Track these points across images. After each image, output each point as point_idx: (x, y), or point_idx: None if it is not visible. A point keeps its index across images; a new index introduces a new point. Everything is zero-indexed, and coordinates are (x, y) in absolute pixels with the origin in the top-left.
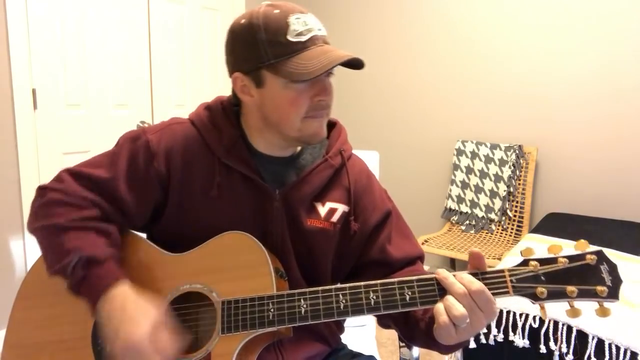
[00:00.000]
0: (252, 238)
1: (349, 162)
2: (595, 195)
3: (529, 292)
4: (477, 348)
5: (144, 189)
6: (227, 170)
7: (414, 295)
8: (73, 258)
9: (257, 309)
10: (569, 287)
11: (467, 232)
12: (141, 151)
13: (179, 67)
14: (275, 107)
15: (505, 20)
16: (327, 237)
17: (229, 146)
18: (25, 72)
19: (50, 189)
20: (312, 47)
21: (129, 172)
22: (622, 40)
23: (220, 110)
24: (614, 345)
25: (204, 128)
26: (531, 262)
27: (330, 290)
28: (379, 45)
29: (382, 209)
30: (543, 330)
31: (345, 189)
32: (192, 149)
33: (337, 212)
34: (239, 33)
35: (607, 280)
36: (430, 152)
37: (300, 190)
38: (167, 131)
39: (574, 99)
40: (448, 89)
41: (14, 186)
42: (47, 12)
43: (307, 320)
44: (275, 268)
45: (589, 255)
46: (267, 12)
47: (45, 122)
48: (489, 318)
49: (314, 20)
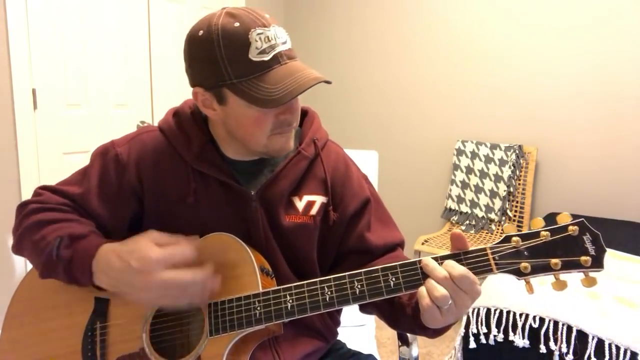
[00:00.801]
0: (235, 238)
1: (324, 150)
2: (595, 195)
3: (513, 269)
4: (477, 348)
5: (117, 203)
6: (201, 176)
7: (398, 280)
8: (55, 243)
9: (243, 308)
10: (552, 259)
11: (467, 232)
12: (111, 165)
13: (179, 67)
14: (238, 125)
15: (506, 20)
16: (308, 231)
17: (199, 152)
18: (25, 72)
19: (30, 202)
20: (276, 66)
21: (100, 186)
22: (622, 40)
23: (188, 115)
24: (614, 345)
25: (172, 135)
26: (513, 238)
27: (315, 283)
28: (379, 45)
29: (360, 196)
30: (543, 330)
31: (322, 179)
32: (163, 158)
33: (316, 204)
34: (198, 46)
35: (591, 249)
36: (430, 152)
37: (276, 187)
38: (136, 142)
39: (574, 99)
40: (448, 89)
41: (14, 186)
42: (47, 12)
43: (294, 315)
44: (260, 266)
45: (571, 227)
46: (226, 25)
47: (45, 122)
48: (474, 298)
49: (278, 32)
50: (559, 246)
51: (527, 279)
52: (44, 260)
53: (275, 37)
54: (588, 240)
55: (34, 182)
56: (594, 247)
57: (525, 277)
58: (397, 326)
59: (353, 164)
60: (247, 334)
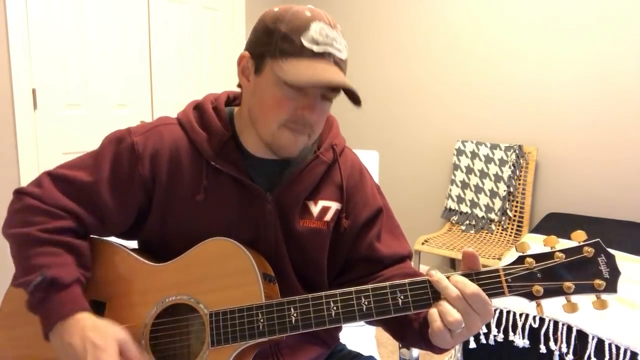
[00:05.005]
0: (236, 243)
1: (342, 157)
2: (595, 195)
3: (525, 292)
4: (477, 348)
5: (126, 194)
6: (215, 173)
7: (407, 299)
8: (37, 277)
9: (246, 320)
10: (565, 283)
11: (467, 232)
12: (125, 154)
13: (179, 67)
14: (260, 100)
15: (506, 20)
16: (321, 236)
17: (218, 147)
18: (25, 72)
19: (28, 194)
20: (319, 60)
21: (111, 175)
22: (622, 40)
23: (209, 110)
24: (614, 345)
25: (191, 129)
26: (527, 259)
27: (321, 297)
28: (379, 45)
29: (373, 205)
30: (543, 330)
31: (338, 185)
32: (179, 152)
33: (330, 210)
34: (267, 17)
35: (605, 272)
36: (430, 152)
37: (292, 191)
38: (153, 133)
39: (574, 99)
40: (448, 89)
41: (14, 186)
42: (47, 12)
43: (298, 330)
44: (263, 273)
45: (587, 248)
46: (300, 11)
47: (45, 122)
48: (485, 320)
49: (339, 38)
50: (573, 268)
51: (538, 301)
52: (20, 281)
53: (334, 40)
54: (603, 262)
55: None
56: (608, 269)
57: (537, 300)
58: (402, 340)
59: (367, 172)
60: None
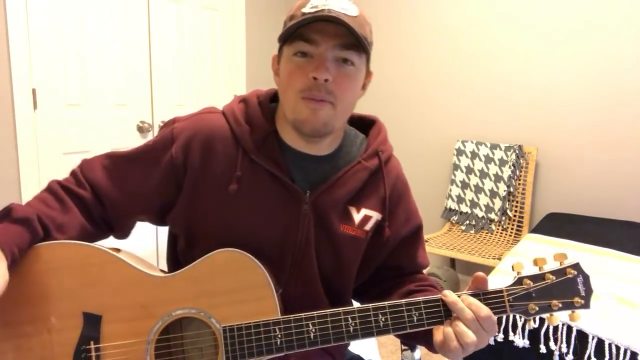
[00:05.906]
0: (250, 257)
1: (387, 166)
2: (595, 195)
3: (522, 310)
4: None
5: (151, 168)
6: (251, 166)
7: (421, 317)
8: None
9: (263, 336)
10: (553, 301)
11: (467, 232)
12: (164, 136)
13: (179, 67)
14: (281, 83)
15: (506, 20)
16: (358, 244)
17: (260, 141)
18: (25, 72)
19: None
20: (316, 15)
21: (144, 154)
22: (622, 41)
23: (255, 104)
24: (614, 345)
25: (235, 121)
26: (525, 281)
27: (339, 313)
28: (379, 45)
29: (414, 222)
30: (543, 330)
31: (381, 196)
32: (216, 140)
33: (371, 220)
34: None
35: (582, 291)
36: (430, 152)
37: (332, 193)
38: (196, 119)
39: (574, 99)
40: (448, 89)
41: (14, 186)
42: (47, 12)
43: (317, 345)
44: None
45: (569, 269)
46: None
47: (45, 122)
48: (491, 336)
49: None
50: (560, 288)
51: (529, 318)
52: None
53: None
54: (580, 282)
55: (34, 182)
56: (584, 288)
57: (530, 316)
58: (410, 341)
59: (409, 185)
60: None
